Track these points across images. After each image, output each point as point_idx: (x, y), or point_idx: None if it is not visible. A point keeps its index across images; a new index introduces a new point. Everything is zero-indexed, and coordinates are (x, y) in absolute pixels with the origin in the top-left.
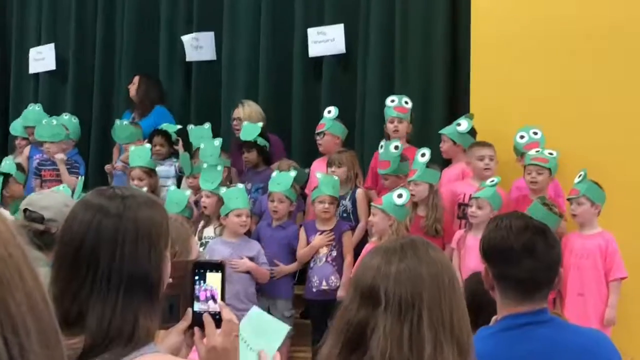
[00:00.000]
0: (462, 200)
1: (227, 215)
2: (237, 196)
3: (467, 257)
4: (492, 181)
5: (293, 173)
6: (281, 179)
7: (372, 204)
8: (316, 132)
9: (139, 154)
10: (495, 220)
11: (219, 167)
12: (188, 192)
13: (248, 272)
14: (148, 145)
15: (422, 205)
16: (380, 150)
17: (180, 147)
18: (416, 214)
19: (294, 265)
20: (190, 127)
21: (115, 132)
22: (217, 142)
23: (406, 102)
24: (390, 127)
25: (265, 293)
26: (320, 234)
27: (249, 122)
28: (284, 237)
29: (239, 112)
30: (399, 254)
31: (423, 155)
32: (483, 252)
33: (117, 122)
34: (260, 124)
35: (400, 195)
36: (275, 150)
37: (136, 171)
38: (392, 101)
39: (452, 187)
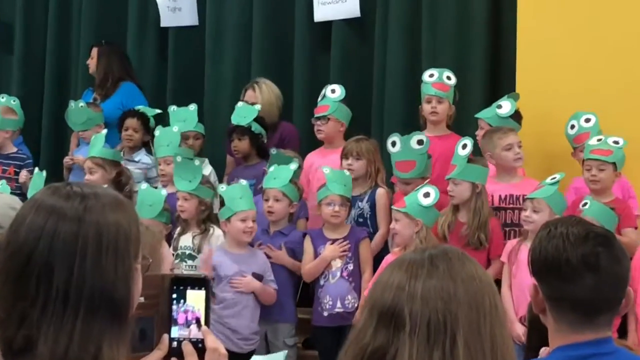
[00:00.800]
0: (490, 204)
1: (229, 219)
2: (240, 195)
3: (521, 273)
4: (554, 178)
5: (294, 166)
6: (278, 172)
7: (392, 207)
8: (316, 115)
9: (93, 142)
10: (547, 227)
11: (197, 162)
12: (164, 192)
13: (252, 293)
14: (104, 131)
15: (464, 209)
16: (394, 149)
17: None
18: (457, 220)
19: (294, 263)
20: (173, 109)
21: (69, 116)
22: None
23: (448, 78)
24: (426, 108)
25: (263, 315)
26: (332, 243)
27: (262, 106)
28: (287, 246)
29: (253, 95)
30: (428, 268)
31: (464, 146)
32: (532, 267)
33: (72, 103)
34: (258, 107)
35: (427, 195)
36: (289, 143)
37: (87, 162)
38: (431, 76)
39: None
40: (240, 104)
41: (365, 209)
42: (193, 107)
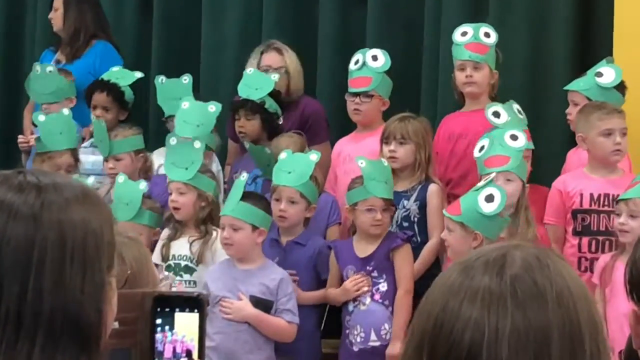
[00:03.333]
0: (578, 205)
1: None
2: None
3: (617, 298)
4: None
5: (315, 156)
6: (294, 164)
7: (445, 212)
8: (352, 90)
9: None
10: None
11: (197, 144)
12: (143, 185)
13: (247, 323)
14: (65, 112)
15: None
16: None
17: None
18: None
19: (321, 294)
20: (161, 80)
21: (31, 84)
22: (214, 106)
23: (487, 35)
24: (460, 77)
25: (277, 350)
26: (356, 272)
27: (291, 75)
28: (305, 259)
29: (277, 59)
30: (512, 301)
31: (514, 137)
32: (631, 287)
33: (37, 67)
34: (276, 77)
35: (490, 198)
36: (314, 124)
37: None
38: (464, 34)
39: (561, 182)
40: (250, 70)
41: (413, 210)
42: (187, 78)
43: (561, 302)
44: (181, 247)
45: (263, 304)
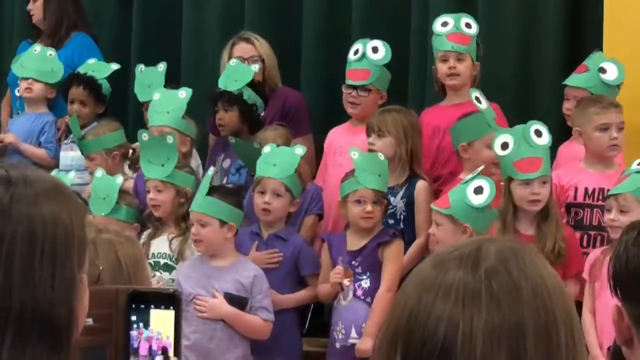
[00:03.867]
0: (572, 199)
1: None
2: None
3: (606, 292)
4: None
5: (300, 150)
6: (279, 157)
7: (432, 206)
8: (350, 82)
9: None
10: (634, 229)
11: (170, 139)
12: (120, 180)
13: (223, 321)
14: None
15: (527, 215)
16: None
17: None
18: (517, 232)
19: (304, 295)
20: (140, 69)
21: (24, 60)
22: (184, 92)
23: (468, 26)
24: (442, 69)
25: (255, 350)
26: (347, 263)
27: (267, 65)
28: (286, 256)
29: (248, 48)
30: (487, 296)
31: (538, 133)
32: (615, 282)
33: (34, 49)
34: (256, 67)
35: (479, 190)
36: (295, 116)
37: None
38: (444, 24)
39: (556, 176)
40: (233, 61)
41: (399, 208)
42: (162, 66)
43: (536, 295)
44: (161, 245)
45: (238, 301)
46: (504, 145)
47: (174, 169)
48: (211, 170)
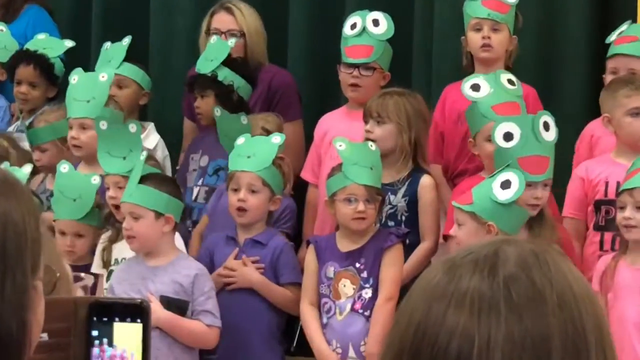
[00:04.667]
0: (602, 195)
1: None
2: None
3: (621, 303)
4: None
5: (278, 138)
6: (254, 147)
7: (454, 203)
8: (350, 60)
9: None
10: None
11: (134, 127)
12: (97, 180)
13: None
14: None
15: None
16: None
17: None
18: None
19: (285, 297)
20: (107, 46)
21: None
22: (105, 74)
23: None
24: (475, 39)
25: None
26: (345, 265)
27: (249, 37)
28: (265, 263)
29: (228, 20)
30: (506, 307)
31: (546, 125)
32: None
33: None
34: (231, 42)
35: (506, 184)
36: (283, 99)
37: None
38: None
39: (584, 169)
40: (214, 39)
41: (400, 207)
42: (127, 40)
43: (563, 305)
44: (124, 250)
45: (176, 305)
46: (507, 136)
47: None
48: (144, 154)
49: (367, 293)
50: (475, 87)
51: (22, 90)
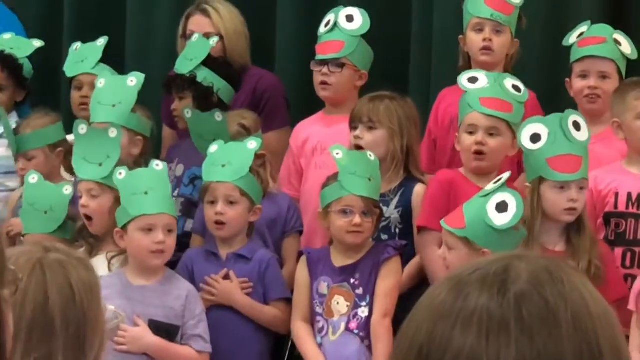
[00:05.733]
0: (612, 207)
1: (124, 227)
2: (146, 188)
3: None
4: None
5: (254, 143)
6: (229, 155)
7: (443, 224)
8: (318, 58)
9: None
10: None
11: (113, 133)
12: (69, 190)
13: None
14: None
15: (555, 226)
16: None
17: None
18: (543, 247)
19: (272, 314)
20: (75, 48)
21: None
22: (134, 78)
23: None
24: (475, 40)
25: None
26: (338, 283)
27: (227, 37)
28: (252, 279)
29: (203, 22)
30: (517, 320)
31: (576, 125)
32: None
33: None
34: (212, 41)
35: (502, 207)
36: (270, 102)
37: None
38: None
39: (592, 179)
40: (195, 36)
41: (394, 219)
42: (102, 40)
43: (578, 325)
44: (98, 266)
45: (166, 330)
46: (535, 138)
47: (114, 168)
48: (161, 164)
49: (364, 312)
50: (473, 80)
51: None
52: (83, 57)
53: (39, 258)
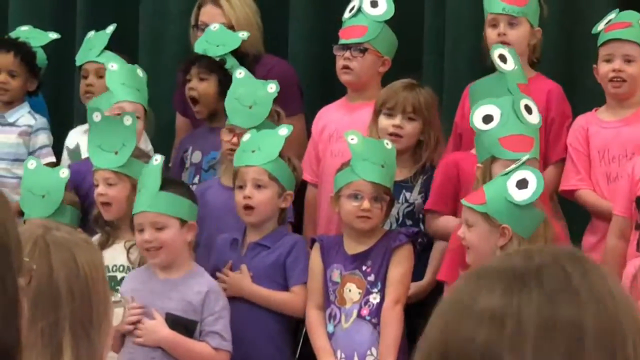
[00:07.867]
0: None
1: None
2: (141, 185)
3: None
4: None
5: (285, 130)
6: (259, 141)
7: (464, 202)
8: (341, 42)
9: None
10: None
11: (128, 121)
12: (65, 173)
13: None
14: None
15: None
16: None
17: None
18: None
19: (286, 299)
20: (90, 35)
21: None
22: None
23: None
24: (491, 35)
25: None
26: (353, 267)
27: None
28: (271, 267)
29: (215, 12)
30: (538, 284)
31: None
32: None
33: None
34: (244, 35)
35: (522, 183)
36: (283, 90)
37: None
38: None
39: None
40: (215, 26)
41: (417, 205)
42: (110, 28)
43: (599, 300)
44: (116, 256)
45: (183, 325)
46: (487, 118)
47: (130, 157)
48: (159, 157)
49: (375, 298)
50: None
51: (1, 79)
52: (92, 45)
53: (41, 234)
